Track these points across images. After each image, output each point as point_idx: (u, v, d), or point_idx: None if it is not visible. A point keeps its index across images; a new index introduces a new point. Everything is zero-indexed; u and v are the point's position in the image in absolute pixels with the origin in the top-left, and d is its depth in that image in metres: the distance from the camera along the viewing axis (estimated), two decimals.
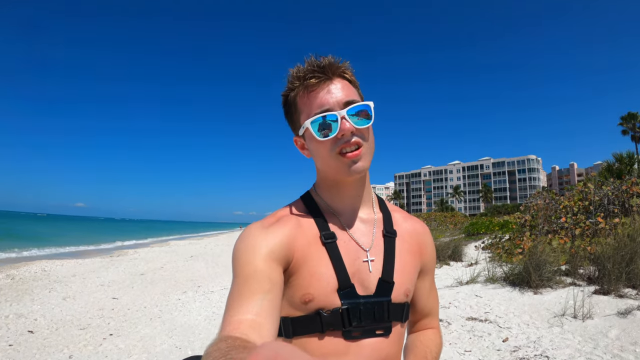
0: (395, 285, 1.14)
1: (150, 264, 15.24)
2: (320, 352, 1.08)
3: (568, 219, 9.64)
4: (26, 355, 4.95)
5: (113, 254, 20.05)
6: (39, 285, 9.81)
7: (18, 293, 8.67)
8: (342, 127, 1.06)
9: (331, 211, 1.20)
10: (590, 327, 4.63)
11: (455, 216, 39.17)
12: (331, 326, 1.07)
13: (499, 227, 17.99)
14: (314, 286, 1.07)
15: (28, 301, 7.89)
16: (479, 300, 6.54)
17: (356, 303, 1.08)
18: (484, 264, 9.32)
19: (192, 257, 18.53)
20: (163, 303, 8.13)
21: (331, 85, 1.11)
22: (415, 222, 1.31)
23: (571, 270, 7.00)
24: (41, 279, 10.83)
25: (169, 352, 5.19)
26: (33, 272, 11.96)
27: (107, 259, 17.01)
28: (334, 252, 1.12)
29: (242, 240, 1.10)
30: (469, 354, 4.42)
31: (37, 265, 13.50)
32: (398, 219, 1.27)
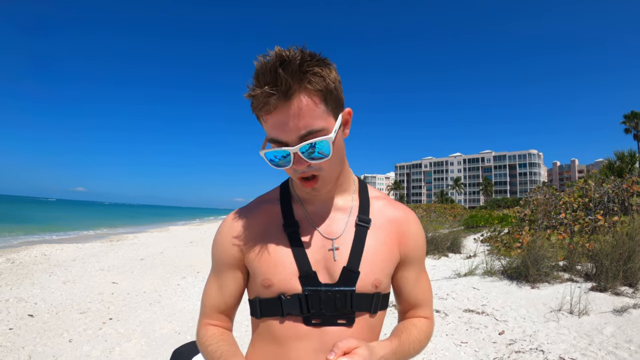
0: (362, 275, 1.13)
1: (150, 249, 15.28)
2: (281, 334, 1.14)
3: (567, 215, 9.66)
4: (26, 339, 4.98)
5: (113, 239, 20.08)
6: (39, 269, 9.84)
7: (18, 277, 8.70)
8: (296, 162, 1.03)
9: (301, 200, 1.22)
10: (585, 323, 4.67)
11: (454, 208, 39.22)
12: (291, 311, 1.12)
13: (498, 221, 18.02)
14: (272, 272, 1.13)
15: (28, 285, 7.92)
16: (477, 292, 6.58)
17: (317, 290, 1.11)
18: (483, 256, 9.36)
19: (191, 243, 18.57)
20: (162, 288, 8.17)
21: (289, 110, 0.98)
22: (398, 210, 1.27)
23: (569, 266, 7.04)
24: (41, 263, 10.86)
25: (168, 337, 5.23)
26: (33, 256, 11.98)
27: (107, 244, 17.04)
28: (294, 240, 1.16)
29: (217, 231, 1.29)
30: (465, 346, 4.46)
31: (37, 250, 13.53)
32: (379, 207, 1.25)
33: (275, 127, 1.01)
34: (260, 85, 0.98)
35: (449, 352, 4.31)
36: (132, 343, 4.98)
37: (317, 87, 0.99)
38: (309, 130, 1.00)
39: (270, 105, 0.98)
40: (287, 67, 0.95)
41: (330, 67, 1.03)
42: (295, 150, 1.00)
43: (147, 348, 4.84)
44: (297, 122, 0.99)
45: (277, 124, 1.00)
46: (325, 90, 1.01)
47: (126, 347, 4.83)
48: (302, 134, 1.00)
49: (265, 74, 0.97)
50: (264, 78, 0.97)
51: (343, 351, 0.92)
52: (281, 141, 1.02)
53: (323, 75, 1.00)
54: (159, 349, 4.83)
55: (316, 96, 1.00)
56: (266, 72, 0.97)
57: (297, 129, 0.99)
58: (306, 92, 0.99)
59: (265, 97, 0.97)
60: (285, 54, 0.97)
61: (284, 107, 0.98)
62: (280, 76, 0.95)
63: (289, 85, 0.96)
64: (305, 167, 1.04)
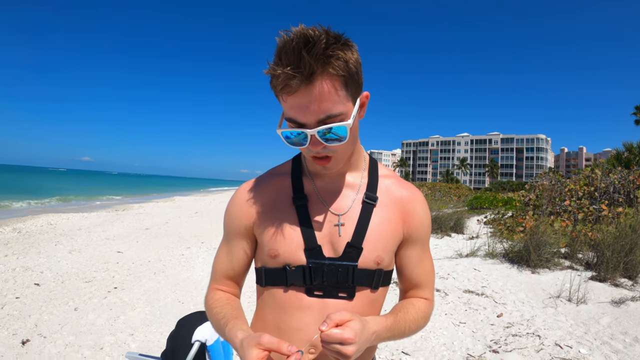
0: (364, 251, 1.16)
1: (155, 219, 15.40)
2: (284, 303, 1.18)
3: (572, 203, 9.65)
4: (32, 307, 5.07)
5: (118, 209, 20.21)
6: (45, 238, 9.94)
7: (25, 246, 8.79)
8: (312, 144, 1.04)
9: (311, 175, 1.25)
10: (583, 311, 4.71)
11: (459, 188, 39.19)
12: (294, 281, 1.16)
13: (502, 204, 18.01)
14: (279, 243, 1.17)
15: (34, 254, 8.01)
16: (477, 274, 6.63)
17: (320, 263, 1.15)
18: (485, 238, 9.38)
19: (196, 213, 18.68)
20: (167, 258, 8.27)
21: (310, 94, 0.97)
22: (405, 189, 1.27)
23: (570, 254, 7.06)
24: (47, 232, 10.96)
25: (172, 307, 5.33)
26: (39, 226, 12.09)
27: (112, 213, 17.19)
28: (302, 214, 1.19)
29: (230, 200, 1.32)
30: (463, 326, 4.52)
31: (43, 219, 13.65)
32: (387, 185, 1.26)
33: (294, 108, 1.00)
34: (282, 64, 0.96)
35: (447, 332, 4.37)
36: (136, 312, 5.08)
37: (340, 73, 0.98)
38: (328, 114, 1.00)
39: (292, 88, 0.97)
40: (312, 49, 0.94)
41: (352, 49, 1.02)
42: (312, 132, 1.01)
43: (151, 317, 4.93)
44: (317, 107, 0.98)
45: (296, 106, 1.00)
46: (347, 75, 1.00)
47: (131, 316, 4.92)
48: (321, 118, 1.00)
49: (288, 53, 0.95)
50: (287, 58, 0.95)
51: (335, 323, 0.94)
52: (299, 122, 1.02)
53: (347, 59, 0.98)
54: (163, 317, 4.92)
55: (338, 81, 0.99)
56: (289, 51, 0.94)
57: (316, 112, 0.99)
58: (329, 77, 0.97)
59: (286, 78, 0.96)
60: (310, 34, 0.95)
61: (305, 90, 0.97)
62: (304, 59, 0.93)
63: (312, 70, 0.95)
64: (320, 149, 1.05)
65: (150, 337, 4.36)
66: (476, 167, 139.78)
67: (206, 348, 1.87)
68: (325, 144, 1.04)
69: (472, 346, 3.98)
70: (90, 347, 4.06)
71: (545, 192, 10.62)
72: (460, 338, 4.19)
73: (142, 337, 4.36)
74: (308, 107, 0.99)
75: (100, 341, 4.20)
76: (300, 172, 1.26)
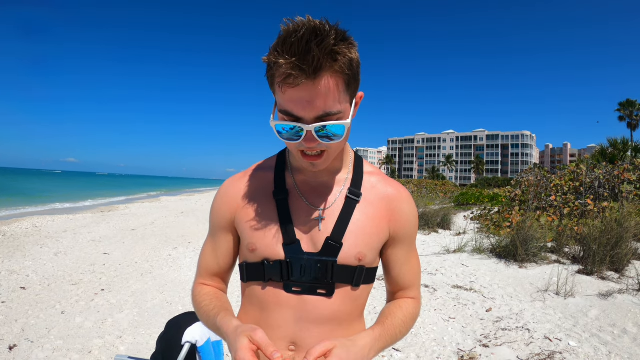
0: (344, 247, 1.14)
1: (141, 220, 15.29)
2: (264, 299, 1.17)
3: (558, 198, 9.74)
4: (19, 312, 5.00)
5: (104, 210, 20.05)
6: (30, 241, 9.81)
7: (9, 249, 8.67)
8: (307, 140, 1.01)
9: (295, 170, 1.24)
10: (571, 305, 4.76)
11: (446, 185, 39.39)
12: (272, 276, 1.15)
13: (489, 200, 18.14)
14: (257, 237, 1.16)
15: (20, 257, 7.91)
16: (465, 269, 6.67)
17: (298, 258, 1.13)
18: (472, 234, 9.45)
19: (182, 213, 18.57)
20: (154, 259, 8.22)
21: (313, 89, 0.94)
22: (391, 187, 1.25)
23: (557, 248, 7.13)
24: (32, 235, 10.83)
25: (160, 308, 5.28)
26: (24, 228, 11.93)
27: (98, 215, 17.02)
28: (282, 208, 1.18)
29: (215, 195, 1.33)
30: (453, 321, 4.54)
31: (28, 222, 13.47)
32: (372, 183, 1.24)
33: (293, 101, 0.97)
34: (287, 54, 0.92)
35: (437, 327, 4.39)
36: (124, 314, 5.03)
37: (344, 71, 0.96)
38: (328, 112, 0.98)
39: (295, 79, 0.93)
40: (321, 43, 0.91)
41: (355, 48, 0.99)
42: (309, 128, 0.98)
43: (139, 319, 4.89)
44: (318, 103, 0.96)
45: (296, 99, 0.96)
46: (350, 74, 0.98)
47: (118, 318, 4.87)
48: (319, 115, 0.98)
49: (294, 44, 0.91)
50: (293, 48, 0.91)
51: (316, 357, 0.91)
52: (296, 116, 0.99)
53: (351, 57, 0.97)
54: (151, 319, 4.87)
55: (341, 79, 0.97)
56: (296, 42, 0.91)
57: (317, 109, 0.97)
58: (333, 73, 0.95)
59: (290, 69, 0.92)
60: (319, 27, 0.92)
61: (308, 85, 0.94)
62: (313, 52, 0.90)
63: (319, 65, 0.92)
64: (315, 145, 1.02)
65: (139, 339, 4.32)
66: (462, 164, 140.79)
67: (196, 349, 1.85)
68: (320, 141, 1.01)
69: (463, 341, 4.00)
70: (78, 351, 4.01)
71: (531, 187, 10.71)
72: (451, 333, 4.21)
73: (130, 339, 4.32)
74: (309, 103, 0.96)
75: (88, 344, 4.15)
76: (284, 167, 1.25)
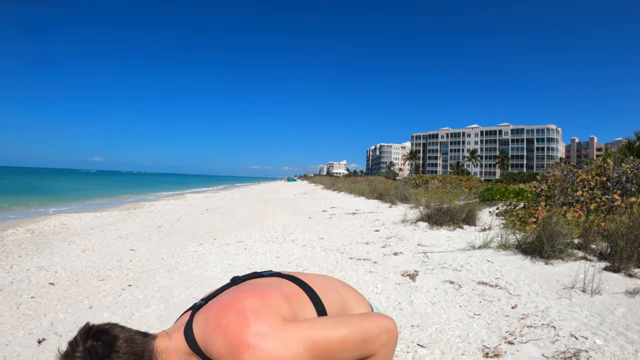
0: None
1: (167, 217, 15.49)
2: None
3: (584, 193, 9.55)
4: (48, 307, 5.11)
5: (130, 207, 20.35)
6: (58, 238, 9.99)
7: (38, 247, 8.84)
8: None
9: None
10: (597, 302, 4.67)
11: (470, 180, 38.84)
12: None
13: (514, 195, 17.87)
14: None
15: (48, 254, 8.06)
16: (491, 265, 6.60)
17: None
18: (497, 230, 9.32)
19: (207, 210, 18.73)
20: (180, 255, 8.31)
21: None
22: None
23: (583, 245, 6.99)
24: (60, 232, 11.03)
25: (187, 302, 5.35)
26: (52, 226, 12.15)
27: (124, 212, 17.26)
28: None
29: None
30: (478, 317, 4.50)
31: (56, 219, 13.71)
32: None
33: None
34: None
35: (462, 324, 4.35)
36: (151, 309, 5.11)
37: None
38: None
39: None
40: None
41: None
42: None
43: (165, 313, 4.97)
44: None
45: None
46: None
47: (145, 313, 4.96)
48: None
49: None
50: None
51: None
52: None
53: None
54: (178, 314, 4.92)
55: None
56: None
57: None
58: None
59: None
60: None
61: None
62: None
63: None
64: None
65: None
66: (486, 159, 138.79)
67: None
68: None
69: (488, 337, 3.97)
70: None
71: (557, 182, 10.52)
72: (475, 330, 4.18)
73: None
74: None
75: None
76: None
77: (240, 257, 8.06)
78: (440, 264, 6.88)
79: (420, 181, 33.65)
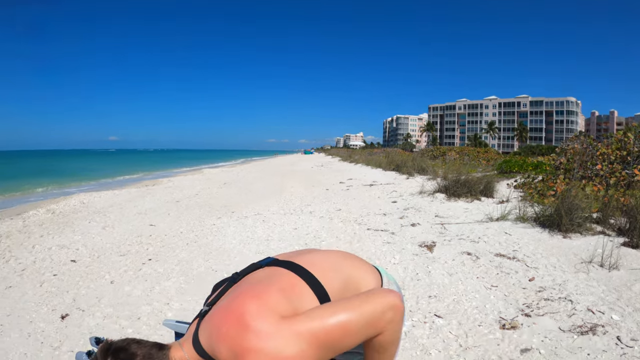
0: None
1: (184, 192, 15.64)
2: None
3: (604, 167, 9.40)
4: (70, 283, 5.23)
5: (148, 184, 20.55)
6: (78, 217, 10.14)
7: (59, 226, 8.97)
8: None
9: None
10: (615, 278, 4.63)
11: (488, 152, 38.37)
12: None
13: (532, 167, 17.67)
14: None
15: (69, 232, 8.19)
16: (508, 237, 6.58)
17: None
18: (515, 202, 9.25)
19: (225, 184, 18.88)
20: (199, 228, 8.42)
21: None
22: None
23: (602, 219, 6.90)
24: (80, 211, 11.19)
25: (206, 275, 5.46)
26: (72, 205, 12.32)
27: (142, 189, 17.44)
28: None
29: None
30: (495, 289, 4.51)
31: (75, 199, 13.87)
32: None
33: None
34: None
35: (479, 295, 4.37)
36: (171, 282, 5.21)
37: None
38: None
39: None
40: None
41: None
42: None
43: (185, 286, 5.07)
44: None
45: None
46: None
47: (166, 286, 5.06)
48: None
49: None
50: None
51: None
52: None
53: None
54: (198, 286, 5.05)
55: None
56: None
57: None
58: None
59: None
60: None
61: None
62: None
63: None
64: None
65: (186, 305, 4.48)
66: (504, 131, 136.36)
67: None
68: None
69: (505, 309, 3.99)
70: (127, 318, 4.20)
71: (576, 155, 10.37)
72: (493, 301, 4.19)
73: (177, 305, 4.49)
74: None
75: (137, 311, 4.34)
76: None
77: (259, 229, 8.15)
78: (458, 235, 6.89)
79: (437, 153, 33.36)
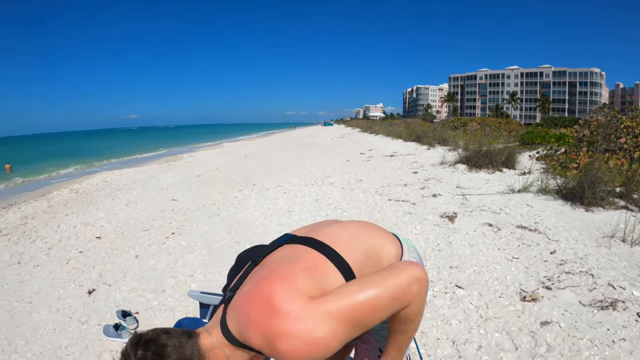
0: None
1: (205, 166, 15.83)
2: None
3: (628, 140, 9.20)
4: (96, 259, 5.37)
5: (169, 159, 20.77)
6: (101, 195, 10.32)
7: (83, 204, 9.14)
8: None
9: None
10: (637, 253, 4.56)
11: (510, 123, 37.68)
12: None
13: (555, 139, 17.38)
14: None
15: (93, 210, 8.35)
16: (530, 209, 6.53)
17: None
18: (537, 174, 9.14)
19: (245, 157, 19.06)
20: (220, 201, 8.53)
21: None
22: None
23: (625, 194, 6.79)
24: (103, 189, 11.36)
25: (229, 247, 5.56)
26: (95, 184, 12.53)
27: (164, 165, 17.65)
28: None
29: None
30: (516, 261, 4.51)
31: (98, 178, 14.08)
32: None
33: None
34: None
35: (500, 267, 4.38)
36: (194, 254, 5.33)
37: None
38: None
39: None
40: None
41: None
42: None
43: (208, 258, 5.17)
44: None
45: None
46: None
47: (189, 259, 5.17)
48: None
49: None
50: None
51: None
52: None
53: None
54: (220, 258, 5.15)
55: None
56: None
57: None
58: None
59: None
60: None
61: None
62: None
63: None
64: None
65: (210, 277, 4.59)
66: (527, 102, 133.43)
67: None
68: None
69: (525, 282, 3.99)
70: (152, 291, 4.32)
71: (600, 128, 10.16)
72: (514, 273, 4.20)
73: (201, 277, 4.60)
74: None
75: (162, 284, 4.45)
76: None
77: (280, 201, 8.22)
78: (479, 206, 6.87)
79: (458, 123, 32.84)
